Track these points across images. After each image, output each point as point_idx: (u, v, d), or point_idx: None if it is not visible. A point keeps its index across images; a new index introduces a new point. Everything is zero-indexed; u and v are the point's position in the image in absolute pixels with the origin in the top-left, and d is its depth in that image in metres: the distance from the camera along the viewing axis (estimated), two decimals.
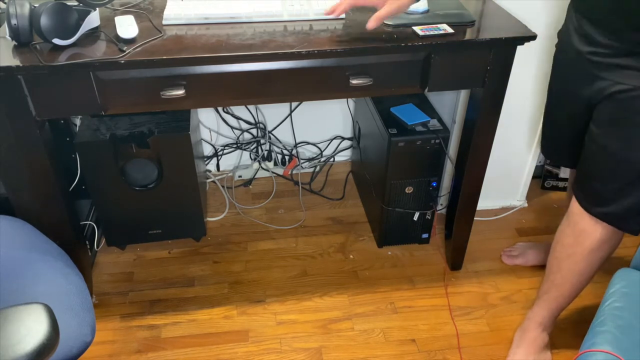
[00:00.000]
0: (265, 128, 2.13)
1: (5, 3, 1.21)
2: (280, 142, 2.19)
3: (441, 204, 1.94)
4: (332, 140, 2.23)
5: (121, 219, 1.75)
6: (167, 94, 1.24)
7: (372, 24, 1.23)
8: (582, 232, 1.30)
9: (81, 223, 1.71)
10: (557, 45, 1.35)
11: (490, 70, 1.35)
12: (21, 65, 1.14)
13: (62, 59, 1.16)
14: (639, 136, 1.14)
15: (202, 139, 2.10)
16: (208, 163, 2.18)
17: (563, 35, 1.31)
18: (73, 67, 1.16)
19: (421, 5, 1.37)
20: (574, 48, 1.23)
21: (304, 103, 2.07)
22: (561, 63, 1.33)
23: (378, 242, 1.89)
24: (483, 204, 1.90)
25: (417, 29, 1.29)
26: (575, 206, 1.30)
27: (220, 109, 2.05)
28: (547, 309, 1.46)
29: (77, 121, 1.76)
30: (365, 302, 1.68)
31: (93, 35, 1.27)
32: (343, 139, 2.24)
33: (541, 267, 1.70)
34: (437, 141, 1.64)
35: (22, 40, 1.18)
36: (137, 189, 1.67)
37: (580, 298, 1.45)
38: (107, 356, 1.51)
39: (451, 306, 1.67)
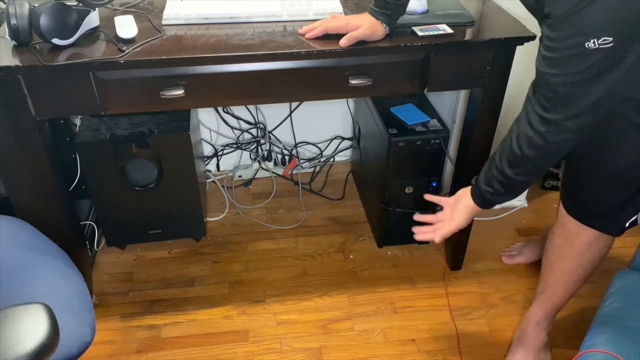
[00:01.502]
0: (265, 128, 2.13)
1: (5, 3, 1.21)
2: (280, 142, 2.19)
3: None
4: (332, 140, 2.23)
5: (121, 219, 1.75)
6: (167, 94, 1.24)
7: (344, 41, 1.23)
8: (570, 233, 1.30)
9: (81, 223, 1.71)
10: None
11: (489, 70, 1.35)
12: (21, 65, 1.14)
13: (61, 59, 1.16)
14: (605, 141, 1.13)
15: (202, 139, 2.10)
16: (208, 163, 2.18)
17: None
18: (72, 67, 1.16)
19: (421, 6, 1.37)
20: None
21: (304, 103, 2.07)
22: None
23: (378, 242, 1.89)
24: None
25: (416, 29, 1.29)
26: (563, 207, 1.30)
27: (220, 109, 2.05)
28: (543, 309, 1.46)
29: (77, 121, 1.76)
30: (365, 302, 1.68)
31: (92, 35, 1.27)
32: (343, 139, 2.23)
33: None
34: (437, 141, 1.64)
35: (21, 40, 1.18)
36: (137, 189, 1.67)
37: (580, 298, 1.45)
38: (107, 356, 1.51)
39: (451, 306, 1.67)
